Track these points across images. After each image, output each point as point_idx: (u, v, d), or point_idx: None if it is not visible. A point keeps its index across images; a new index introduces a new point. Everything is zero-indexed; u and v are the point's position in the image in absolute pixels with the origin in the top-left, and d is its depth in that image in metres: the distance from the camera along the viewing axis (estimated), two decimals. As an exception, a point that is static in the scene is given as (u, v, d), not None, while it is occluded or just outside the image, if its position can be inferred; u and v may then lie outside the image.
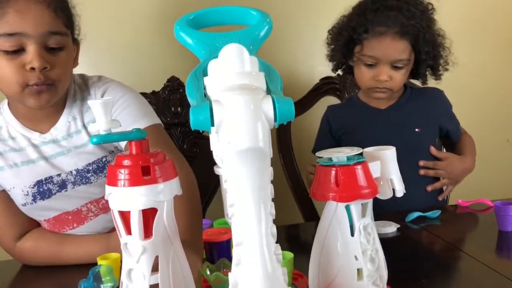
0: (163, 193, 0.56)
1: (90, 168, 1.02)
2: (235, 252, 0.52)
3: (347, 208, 0.60)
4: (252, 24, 0.66)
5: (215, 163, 0.65)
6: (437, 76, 1.28)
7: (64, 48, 0.95)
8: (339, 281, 0.60)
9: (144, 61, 1.56)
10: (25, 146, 1.02)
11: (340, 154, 0.61)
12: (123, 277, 0.58)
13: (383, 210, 1.05)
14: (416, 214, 1.05)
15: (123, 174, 0.55)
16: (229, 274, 0.52)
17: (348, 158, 0.61)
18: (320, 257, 0.62)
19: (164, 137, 1.06)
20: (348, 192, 0.59)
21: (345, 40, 1.25)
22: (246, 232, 0.51)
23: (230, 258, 0.82)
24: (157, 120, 1.06)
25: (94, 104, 0.56)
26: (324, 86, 1.57)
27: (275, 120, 0.52)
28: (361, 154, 0.64)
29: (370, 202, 0.61)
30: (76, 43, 1.04)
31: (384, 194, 0.64)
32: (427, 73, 1.27)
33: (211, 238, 0.80)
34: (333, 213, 0.60)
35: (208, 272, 0.65)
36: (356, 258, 0.60)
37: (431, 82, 1.31)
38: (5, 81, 0.92)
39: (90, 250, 0.95)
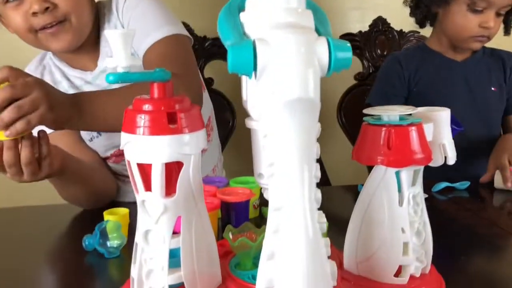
0: (190, 145, 0.48)
1: None
2: (272, 217, 0.44)
3: (397, 175, 0.53)
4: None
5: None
6: None
7: None
8: (380, 255, 0.54)
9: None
10: (81, 85, 0.99)
11: (392, 112, 0.53)
12: (139, 239, 0.51)
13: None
14: (443, 184, 0.98)
15: (144, 120, 0.47)
16: (264, 242, 0.45)
17: (401, 118, 0.53)
18: (360, 227, 0.55)
19: (183, 49, 0.93)
20: (400, 156, 0.51)
21: None
22: (287, 196, 0.43)
23: (247, 219, 0.76)
24: (179, 30, 0.94)
25: (112, 35, 0.48)
26: (344, 43, 1.47)
27: (329, 68, 0.44)
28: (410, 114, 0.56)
29: (421, 169, 0.54)
30: None
31: (435, 161, 0.57)
32: None
33: (230, 198, 0.73)
34: (381, 179, 0.53)
35: (231, 236, 0.58)
36: (402, 230, 0.53)
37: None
38: (19, 32, 0.91)
39: None
